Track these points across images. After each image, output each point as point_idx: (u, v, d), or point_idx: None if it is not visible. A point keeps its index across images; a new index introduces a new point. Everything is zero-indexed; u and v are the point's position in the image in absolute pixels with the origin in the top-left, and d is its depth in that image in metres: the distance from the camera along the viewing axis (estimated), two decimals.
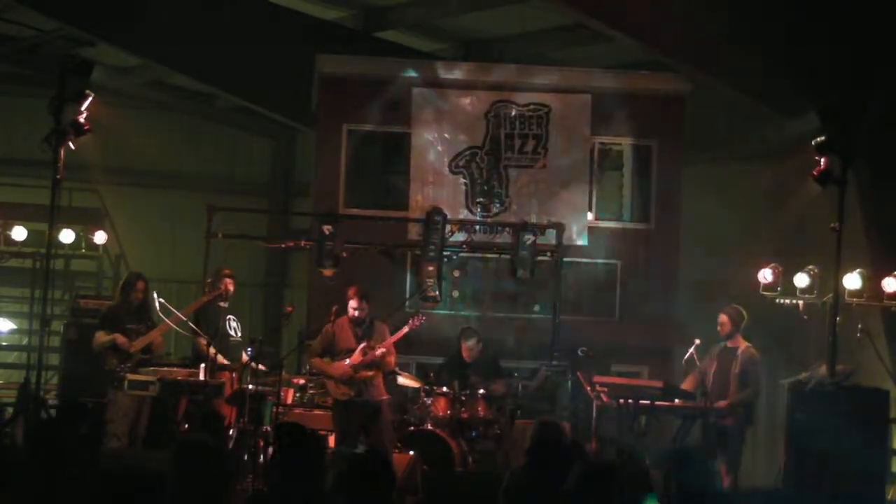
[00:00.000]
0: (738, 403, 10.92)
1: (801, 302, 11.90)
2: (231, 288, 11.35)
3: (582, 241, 13.18)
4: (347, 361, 10.67)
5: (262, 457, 10.42)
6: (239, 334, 11.31)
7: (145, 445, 10.70)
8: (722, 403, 10.90)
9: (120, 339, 10.68)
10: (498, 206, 13.23)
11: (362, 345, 10.71)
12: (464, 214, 13.13)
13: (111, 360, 10.68)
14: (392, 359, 10.96)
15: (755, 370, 11.09)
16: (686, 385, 11.22)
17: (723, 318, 11.21)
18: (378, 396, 10.79)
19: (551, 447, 6.64)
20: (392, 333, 11.02)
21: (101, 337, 10.76)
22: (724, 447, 10.77)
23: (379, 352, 10.66)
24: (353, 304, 10.82)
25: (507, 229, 12.62)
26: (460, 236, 12.62)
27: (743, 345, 11.18)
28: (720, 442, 10.77)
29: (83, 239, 14.41)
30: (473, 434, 11.26)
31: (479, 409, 11.28)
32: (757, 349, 11.29)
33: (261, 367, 10.76)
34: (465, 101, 13.33)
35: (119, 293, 11.24)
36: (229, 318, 11.25)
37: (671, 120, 13.34)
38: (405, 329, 10.98)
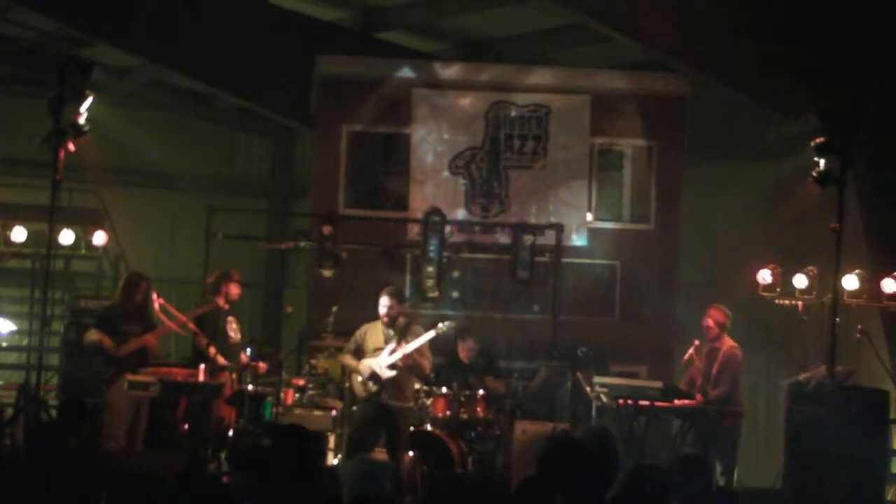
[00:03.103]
0: (711, 401, 10.88)
1: (800, 303, 11.90)
2: (236, 292, 11.35)
3: (582, 242, 13.19)
4: (371, 362, 10.54)
5: None
6: (238, 336, 11.33)
7: (145, 446, 10.71)
8: (692, 402, 10.90)
9: (106, 341, 10.67)
10: (498, 206, 13.24)
11: (391, 345, 10.58)
12: (463, 215, 13.14)
13: (97, 360, 10.73)
14: (425, 362, 10.75)
15: (730, 369, 11.03)
16: (683, 385, 11.24)
17: (708, 321, 11.17)
18: (401, 401, 10.67)
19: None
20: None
21: (92, 335, 10.80)
22: (718, 448, 10.77)
23: (403, 352, 10.50)
24: (382, 301, 10.68)
25: (507, 230, 12.64)
26: (460, 236, 12.63)
27: (727, 344, 11.17)
28: (713, 443, 10.77)
29: (83, 239, 14.37)
30: (473, 434, 11.25)
31: (479, 409, 11.27)
32: (742, 348, 11.30)
33: (261, 364, 10.75)
34: (465, 102, 13.33)
35: (120, 293, 11.25)
36: (229, 321, 11.25)
37: (671, 120, 13.35)
38: (430, 333, 10.82)
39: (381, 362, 10.49)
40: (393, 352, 10.49)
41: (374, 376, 10.50)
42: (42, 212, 10.69)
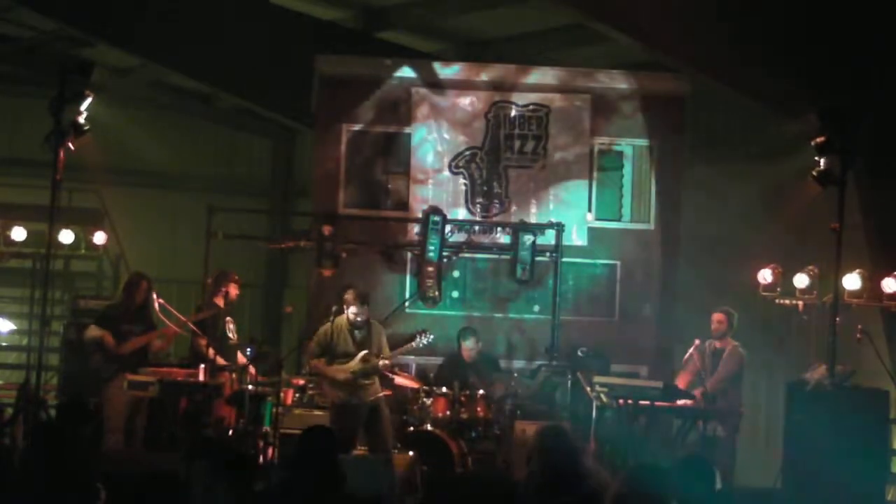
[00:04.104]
0: (707, 393, 10.88)
1: (800, 302, 11.91)
2: (235, 292, 11.39)
3: (582, 241, 13.18)
4: (346, 368, 10.62)
5: (261, 457, 10.44)
6: (235, 336, 11.34)
7: (145, 446, 10.72)
8: (690, 401, 10.91)
9: (108, 338, 10.71)
10: (498, 206, 13.23)
11: (363, 352, 10.66)
12: (464, 214, 13.13)
13: (96, 357, 10.75)
14: (388, 361, 10.99)
15: (729, 364, 11.14)
16: (680, 382, 11.26)
17: (719, 316, 11.27)
18: (374, 396, 10.78)
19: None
20: (390, 339, 11.02)
21: (93, 331, 10.86)
22: (717, 448, 10.78)
23: (381, 363, 10.68)
24: (353, 310, 10.77)
25: (507, 229, 12.64)
26: (460, 236, 12.63)
27: (731, 345, 11.24)
28: (712, 443, 10.78)
29: (83, 239, 14.38)
30: (473, 434, 11.26)
31: (479, 409, 11.28)
32: (746, 346, 11.34)
33: (251, 369, 10.73)
34: (465, 102, 13.32)
35: (121, 292, 11.28)
36: (227, 321, 11.27)
37: (671, 120, 13.33)
38: (410, 344, 10.97)
39: (357, 371, 10.58)
40: (365, 359, 10.59)
41: (349, 385, 10.59)
42: (42, 212, 10.69)
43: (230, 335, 11.25)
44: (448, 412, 11.20)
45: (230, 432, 10.60)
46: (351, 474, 6.48)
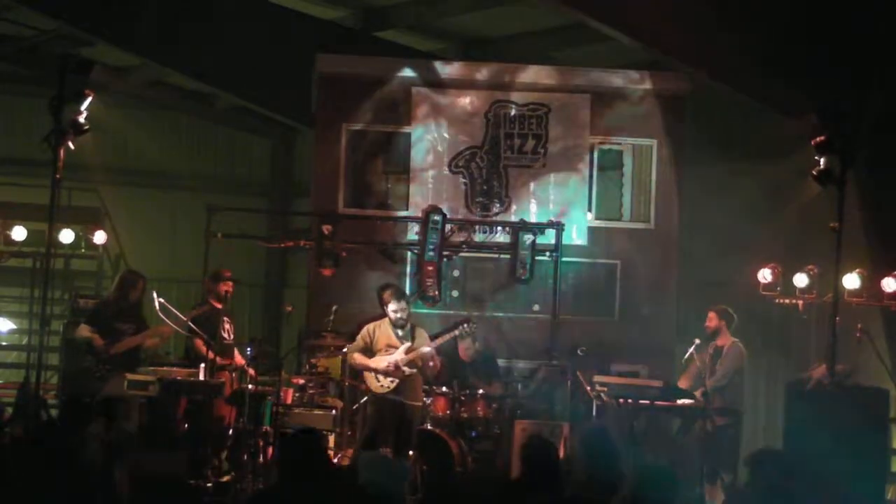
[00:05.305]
0: (707, 392, 10.89)
1: (800, 302, 11.91)
2: (230, 290, 11.37)
3: (582, 241, 13.17)
4: (390, 358, 10.58)
5: (261, 457, 10.45)
6: (231, 336, 11.32)
7: (145, 446, 10.69)
8: (690, 401, 10.93)
9: (97, 340, 10.70)
10: (497, 205, 13.23)
11: (406, 344, 10.62)
12: (463, 214, 13.12)
13: (88, 357, 10.75)
14: (436, 363, 10.93)
15: (728, 360, 11.18)
16: (682, 383, 11.26)
17: (710, 314, 11.29)
18: (415, 400, 10.72)
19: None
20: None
21: (83, 331, 10.85)
22: (719, 451, 10.77)
23: (424, 349, 10.57)
24: (392, 306, 10.69)
25: (507, 229, 12.64)
26: (460, 236, 12.63)
27: (730, 341, 11.26)
28: (714, 446, 10.77)
29: (83, 239, 14.41)
30: (473, 434, 11.25)
31: (479, 408, 11.28)
32: (746, 345, 11.35)
33: (251, 370, 10.72)
34: (465, 101, 13.32)
35: (116, 289, 11.26)
36: (224, 321, 11.26)
37: (671, 120, 13.33)
38: (454, 332, 10.90)
39: (400, 359, 10.50)
40: (409, 350, 10.52)
41: (395, 370, 10.50)
42: (42, 211, 10.68)
43: (225, 335, 11.23)
44: (448, 412, 11.19)
45: (230, 432, 10.60)
46: (373, 471, 6.47)
